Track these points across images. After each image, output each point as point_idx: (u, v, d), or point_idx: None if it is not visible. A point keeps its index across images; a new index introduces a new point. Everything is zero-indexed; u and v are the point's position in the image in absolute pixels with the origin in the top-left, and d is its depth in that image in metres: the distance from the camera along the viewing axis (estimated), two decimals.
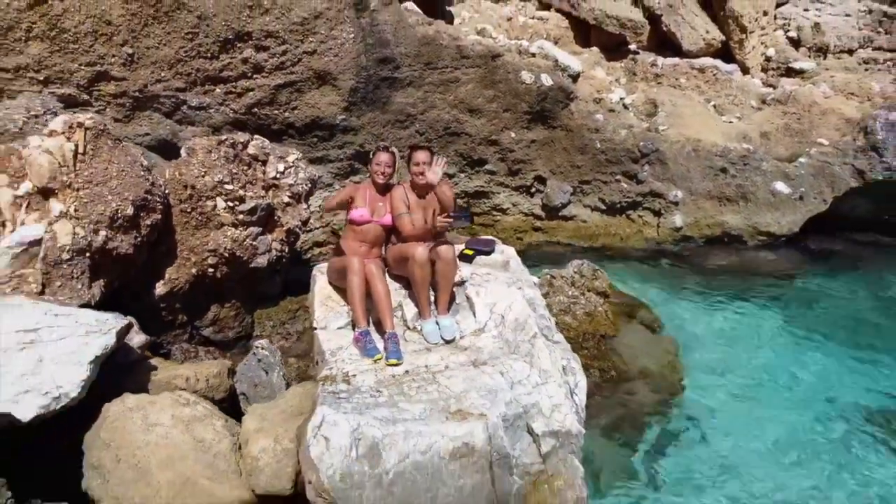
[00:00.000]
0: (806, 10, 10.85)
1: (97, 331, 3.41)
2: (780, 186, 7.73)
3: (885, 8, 10.94)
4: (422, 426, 3.11)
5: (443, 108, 7.08)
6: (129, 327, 3.77)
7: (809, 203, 7.76)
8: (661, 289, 6.98)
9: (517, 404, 3.39)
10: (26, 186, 4.43)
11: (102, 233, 4.42)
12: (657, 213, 7.70)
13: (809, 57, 10.12)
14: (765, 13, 9.79)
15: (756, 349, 6.10)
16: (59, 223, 4.29)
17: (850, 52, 10.33)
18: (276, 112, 6.48)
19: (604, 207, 7.75)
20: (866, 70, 10.25)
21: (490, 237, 5.06)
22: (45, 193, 4.39)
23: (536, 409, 3.44)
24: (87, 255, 4.35)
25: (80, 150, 4.48)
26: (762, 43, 9.82)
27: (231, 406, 4.11)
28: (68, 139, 4.48)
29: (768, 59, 9.97)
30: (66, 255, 4.24)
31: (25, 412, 3.04)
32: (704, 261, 7.57)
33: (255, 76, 6.34)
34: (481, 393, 3.38)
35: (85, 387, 3.24)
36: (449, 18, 8.56)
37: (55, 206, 4.34)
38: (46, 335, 3.26)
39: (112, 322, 3.54)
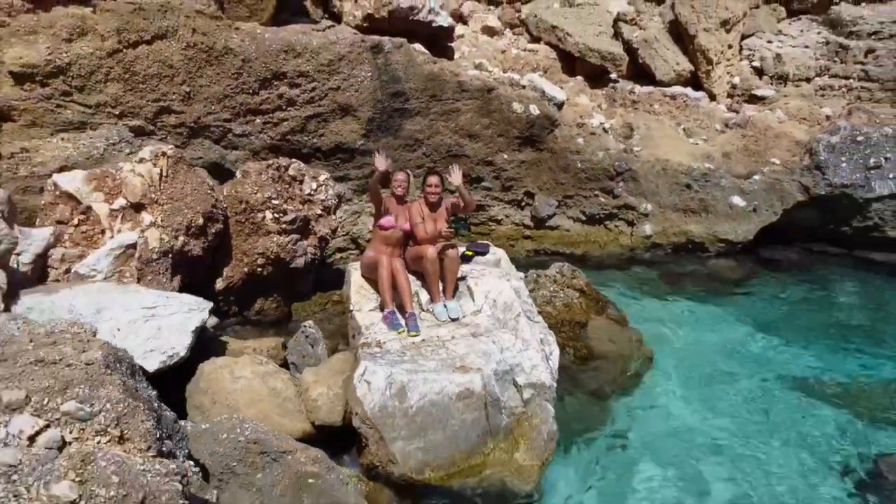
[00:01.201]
0: (770, 41, 12.19)
1: (196, 309, 4.66)
2: (737, 200, 9.01)
3: (840, 40, 12.27)
4: (435, 375, 4.36)
5: (445, 134, 8.37)
6: (213, 309, 5.01)
7: (762, 214, 9.04)
8: (632, 288, 8.25)
9: (505, 363, 4.64)
10: (121, 202, 5.69)
11: (181, 238, 5.67)
12: (630, 224, 8.97)
13: (771, 84, 11.43)
14: (730, 46, 11.12)
15: (710, 340, 7.27)
16: (149, 231, 5.54)
17: (808, 80, 11.64)
18: (305, 138, 7.75)
19: (584, 218, 9.02)
20: (823, 96, 11.57)
21: (486, 242, 6.35)
22: (137, 207, 5.64)
23: (519, 367, 4.69)
24: (170, 255, 5.60)
25: (164, 173, 5.74)
26: (728, 72, 11.14)
27: None
28: (154, 165, 5.74)
29: (734, 87, 11.28)
30: (155, 256, 5.49)
31: (151, 365, 4.28)
32: (671, 265, 8.85)
33: (288, 109, 7.62)
34: (478, 355, 4.62)
35: (189, 348, 4.48)
36: (451, 53, 9.84)
37: (146, 217, 5.60)
38: (162, 311, 4.50)
39: (204, 304, 4.80)
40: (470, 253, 5.88)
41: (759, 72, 11.75)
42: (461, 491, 4.33)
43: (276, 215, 6.31)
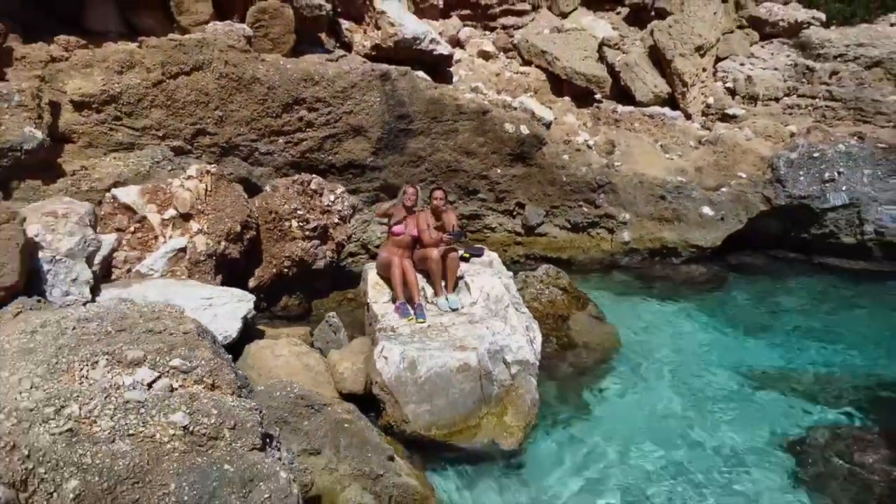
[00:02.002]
0: (742, 64, 13.33)
1: (244, 300, 5.72)
2: (707, 210, 10.11)
3: (807, 62, 13.42)
4: (439, 353, 5.42)
5: (445, 152, 9.45)
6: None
7: (729, 223, 10.13)
8: (610, 288, 9.34)
9: (496, 344, 5.70)
10: (171, 212, 6.76)
11: (222, 243, 6.74)
12: (610, 231, 10.05)
13: (743, 104, 12.56)
14: (703, 69, 12.26)
15: (677, 335, 8.32)
16: (197, 237, 6.61)
17: (777, 99, 12.78)
18: (322, 156, 8.82)
19: (569, 226, 10.10)
20: (790, 115, 12.70)
21: (481, 246, 7.44)
22: (186, 217, 6.71)
23: (508, 348, 5.75)
24: (214, 257, 6.66)
25: (208, 188, 6.81)
26: (702, 93, 12.27)
27: None
28: (200, 181, 6.81)
29: (708, 107, 12.40)
30: (202, 258, 6.56)
31: None
32: (646, 268, 9.95)
33: (307, 130, 8.70)
34: (474, 337, 5.69)
35: (239, 332, 5.53)
36: (449, 77, 10.95)
37: (194, 225, 6.67)
38: (217, 301, 5.55)
39: (249, 297, 5.87)
40: (467, 255, 6.97)
41: (732, 92, 12.89)
42: (460, 446, 5.39)
43: (301, 224, 7.38)
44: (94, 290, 5.44)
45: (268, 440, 3.82)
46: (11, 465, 3.28)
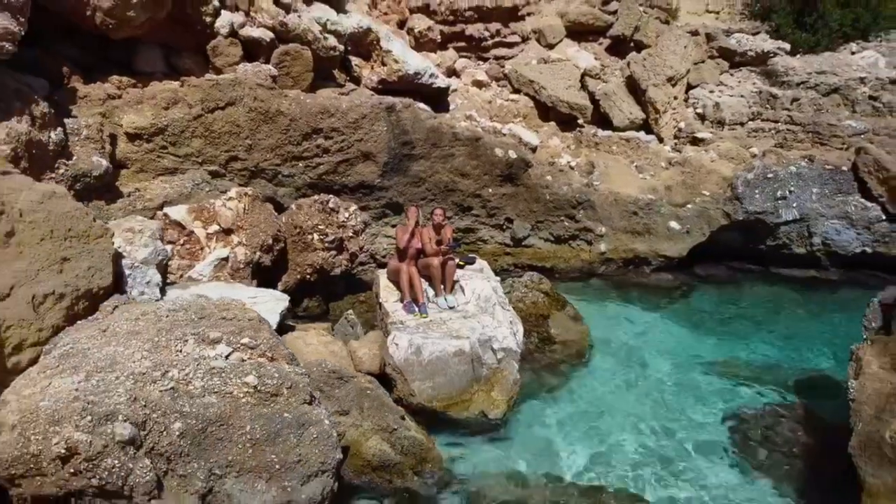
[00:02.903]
0: (711, 91, 14.80)
1: (280, 299, 7.10)
2: (674, 224, 11.52)
3: (771, 89, 14.90)
4: (439, 341, 6.80)
5: (443, 173, 10.85)
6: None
7: (694, 236, 11.53)
8: (588, 293, 10.74)
9: (485, 335, 7.09)
10: (214, 227, 8.14)
11: (258, 253, 8.11)
12: (589, 243, 11.44)
13: (711, 128, 14.00)
14: (675, 97, 13.72)
15: (645, 334, 9.69)
16: (237, 248, 7.99)
17: (742, 124, 14.23)
18: (336, 178, 10.21)
19: (552, 239, 11.49)
20: (755, 137, 14.15)
21: (474, 255, 8.84)
22: (227, 232, 8.09)
23: (495, 338, 7.13)
24: (250, 265, 8.04)
25: (245, 207, 8.20)
26: (674, 119, 13.72)
27: None
28: (239, 201, 8.20)
29: (680, 130, 13.84)
30: (241, 265, 7.93)
31: None
32: (620, 276, 11.35)
33: (323, 155, 10.09)
34: (468, 329, 7.07)
35: (277, 325, 6.90)
36: (447, 106, 12.37)
37: (234, 238, 8.05)
38: (259, 300, 6.92)
39: (285, 296, 7.23)
40: (462, 263, 8.37)
41: (702, 117, 14.34)
42: (457, 416, 6.76)
43: (321, 237, 8.77)
44: (162, 291, 6.81)
45: (314, 397, 5.20)
46: (134, 412, 4.68)
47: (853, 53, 16.77)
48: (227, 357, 5.13)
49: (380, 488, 5.70)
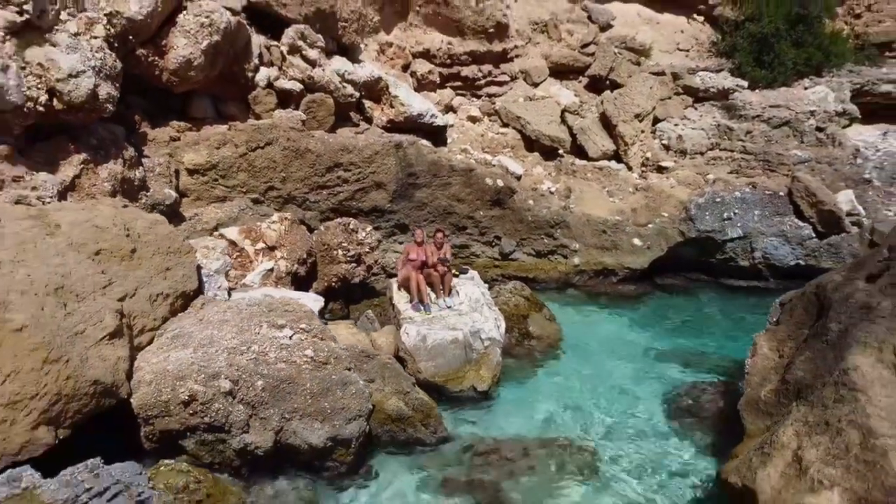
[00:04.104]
0: (675, 124, 17.08)
1: (317, 300, 9.30)
2: (637, 241, 13.75)
3: (728, 122, 17.19)
4: (440, 331, 9.02)
5: (442, 199, 13.08)
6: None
7: (654, 251, 13.76)
8: (563, 298, 12.95)
9: (475, 327, 9.30)
10: (261, 245, 10.35)
11: (295, 266, 10.32)
12: (565, 257, 13.67)
13: (675, 158, 16.27)
14: (642, 131, 16.02)
15: (608, 331, 11.91)
16: (280, 261, 10.19)
17: (701, 153, 16.52)
18: (354, 203, 12.44)
19: (534, 254, 13.71)
20: (713, 165, 16.42)
21: (467, 267, 11.08)
22: (272, 248, 10.30)
23: (482, 330, 9.35)
24: (290, 275, 10.23)
25: (286, 229, 10.42)
26: (641, 150, 16.00)
27: None
28: (281, 224, 10.42)
29: (647, 160, 16.11)
30: (283, 275, 10.13)
31: None
32: (591, 285, 13.57)
33: (343, 185, 12.32)
34: (462, 323, 9.29)
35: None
36: (445, 140, 14.63)
37: (277, 254, 10.25)
38: (303, 300, 9.10)
39: (320, 297, 9.43)
40: (457, 273, 10.60)
41: (667, 147, 16.62)
42: (453, 388, 8.94)
43: (344, 252, 10.97)
44: (228, 294, 9.01)
45: (352, 366, 7.41)
46: (231, 373, 6.86)
47: (806, 88, 19.14)
48: (290, 337, 7.34)
49: (396, 435, 7.85)
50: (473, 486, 7.45)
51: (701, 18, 21.99)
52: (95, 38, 9.40)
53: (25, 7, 8.42)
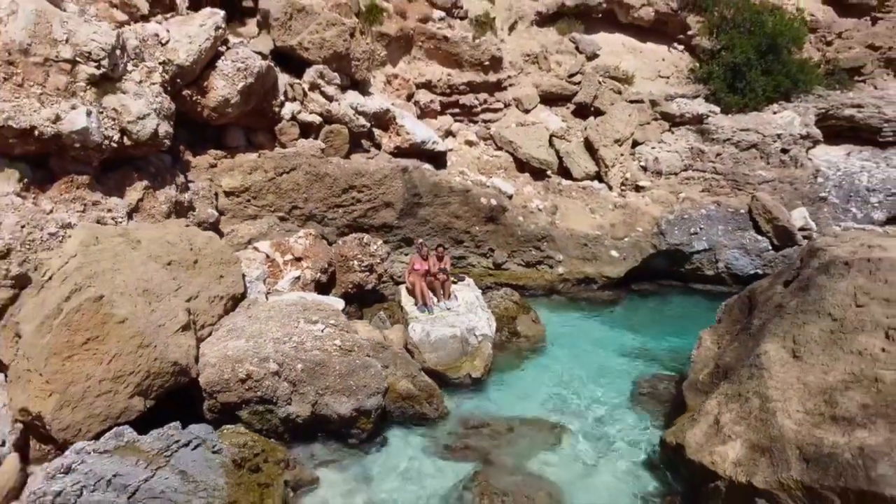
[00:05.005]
0: (653, 147, 19.09)
1: (340, 302, 11.24)
2: (614, 252, 15.70)
3: (700, 145, 19.20)
4: (441, 328, 10.99)
5: (443, 216, 15.04)
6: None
7: (629, 261, 15.71)
8: (549, 303, 14.90)
9: (470, 325, 11.27)
10: (289, 257, 12.31)
11: (318, 274, 12.27)
12: (550, 266, 15.61)
13: (651, 178, 18.25)
14: (622, 154, 18.02)
15: (587, 331, 13.85)
16: (305, 270, 12.14)
17: (676, 174, 18.50)
18: (366, 220, 14.40)
19: (524, 264, 15.66)
20: (687, 185, 18.40)
21: (464, 275, 13.03)
22: (298, 260, 12.26)
23: (477, 327, 11.32)
24: (314, 282, 12.18)
25: (310, 243, 12.38)
26: (621, 171, 17.98)
27: None
28: (306, 239, 12.37)
29: (626, 180, 18.09)
30: (308, 282, 12.07)
31: None
32: (574, 291, 15.51)
33: (357, 204, 14.28)
34: (459, 322, 11.25)
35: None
36: (445, 164, 16.61)
37: (304, 264, 12.21)
38: (329, 302, 11.05)
39: (341, 300, 11.37)
40: (455, 280, 12.56)
41: (645, 169, 18.61)
42: (451, 375, 10.87)
43: (359, 262, 12.92)
44: (266, 297, 10.94)
45: (371, 354, 9.34)
46: (277, 357, 8.81)
47: (775, 113, 21.17)
48: (322, 330, 9.28)
49: (406, 410, 9.75)
50: (468, 451, 9.37)
51: (681, 47, 24.04)
52: (154, 84, 11.40)
53: (102, 62, 10.39)
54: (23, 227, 9.09)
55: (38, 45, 9.80)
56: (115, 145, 10.53)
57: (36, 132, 9.45)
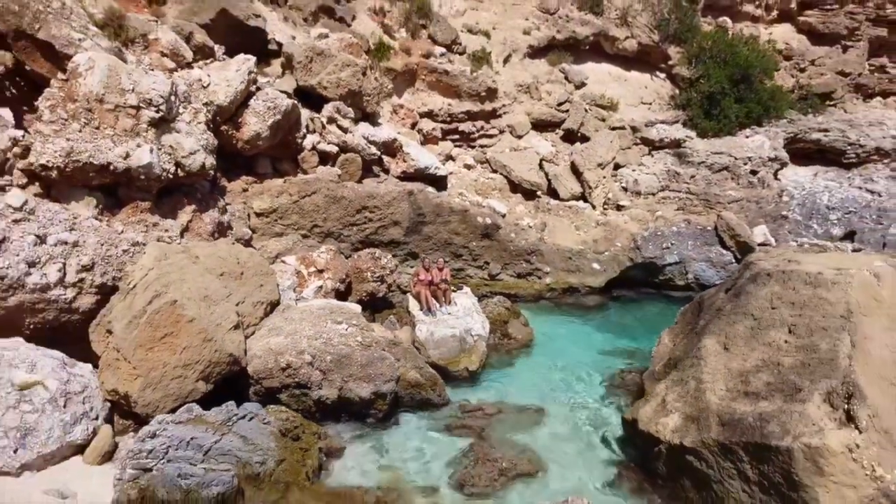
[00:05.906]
0: (633, 170, 21.32)
1: (358, 307, 13.39)
2: (595, 265, 17.87)
3: (676, 168, 21.43)
4: (443, 329, 13.16)
5: (444, 233, 17.22)
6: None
7: (609, 273, 17.87)
8: (537, 309, 17.06)
9: (467, 327, 13.43)
10: (312, 269, 14.50)
11: (338, 284, 14.44)
12: (539, 277, 17.77)
13: (631, 198, 20.45)
14: (604, 177, 20.23)
15: (571, 333, 16.00)
16: (327, 281, 14.32)
17: (653, 194, 20.71)
18: (376, 237, 16.57)
19: (515, 275, 17.81)
20: (663, 204, 20.61)
21: (462, 284, 15.20)
22: (321, 271, 14.44)
23: (472, 329, 13.48)
24: (334, 291, 14.35)
25: (331, 257, 14.56)
26: (603, 192, 20.19)
27: None
28: (327, 253, 14.55)
29: (608, 200, 20.29)
30: (329, 291, 14.25)
31: None
32: (560, 299, 17.67)
33: (368, 223, 16.46)
34: (458, 324, 13.41)
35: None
36: (445, 186, 18.82)
37: (325, 275, 14.39)
38: (349, 306, 13.21)
39: (358, 306, 13.54)
40: (455, 289, 14.74)
41: (625, 189, 20.82)
42: (452, 369, 13.02)
43: (372, 274, 15.09)
44: (296, 303, 13.10)
45: (385, 348, 11.53)
46: (310, 351, 11.01)
47: (747, 137, 23.43)
48: (346, 329, 11.44)
49: (414, 396, 11.87)
50: (465, 429, 11.48)
51: (663, 76, 26.39)
52: (200, 123, 13.62)
53: (161, 107, 12.60)
54: (102, 244, 11.26)
55: (110, 94, 12.01)
56: (171, 176, 12.71)
57: (111, 167, 11.65)
